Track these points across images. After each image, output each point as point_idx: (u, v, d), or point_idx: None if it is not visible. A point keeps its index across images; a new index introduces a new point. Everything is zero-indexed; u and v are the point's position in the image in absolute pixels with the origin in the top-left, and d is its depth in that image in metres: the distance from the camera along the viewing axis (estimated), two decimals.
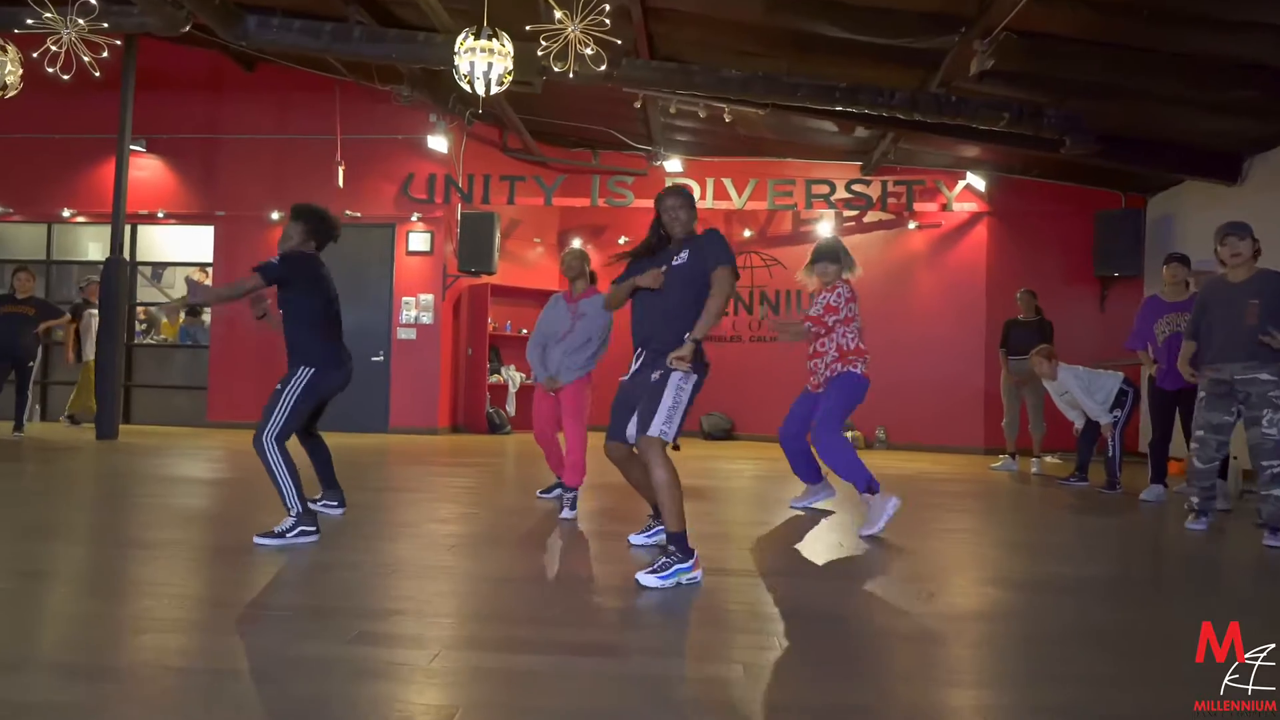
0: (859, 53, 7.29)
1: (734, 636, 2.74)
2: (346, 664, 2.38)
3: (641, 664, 2.45)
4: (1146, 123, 7.79)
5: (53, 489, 5.86)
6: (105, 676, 2.27)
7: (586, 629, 2.80)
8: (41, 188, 11.12)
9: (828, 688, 2.29)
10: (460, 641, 2.64)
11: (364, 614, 2.86)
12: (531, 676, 2.33)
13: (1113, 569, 4.20)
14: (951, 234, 10.17)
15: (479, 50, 6.57)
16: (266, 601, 3.07)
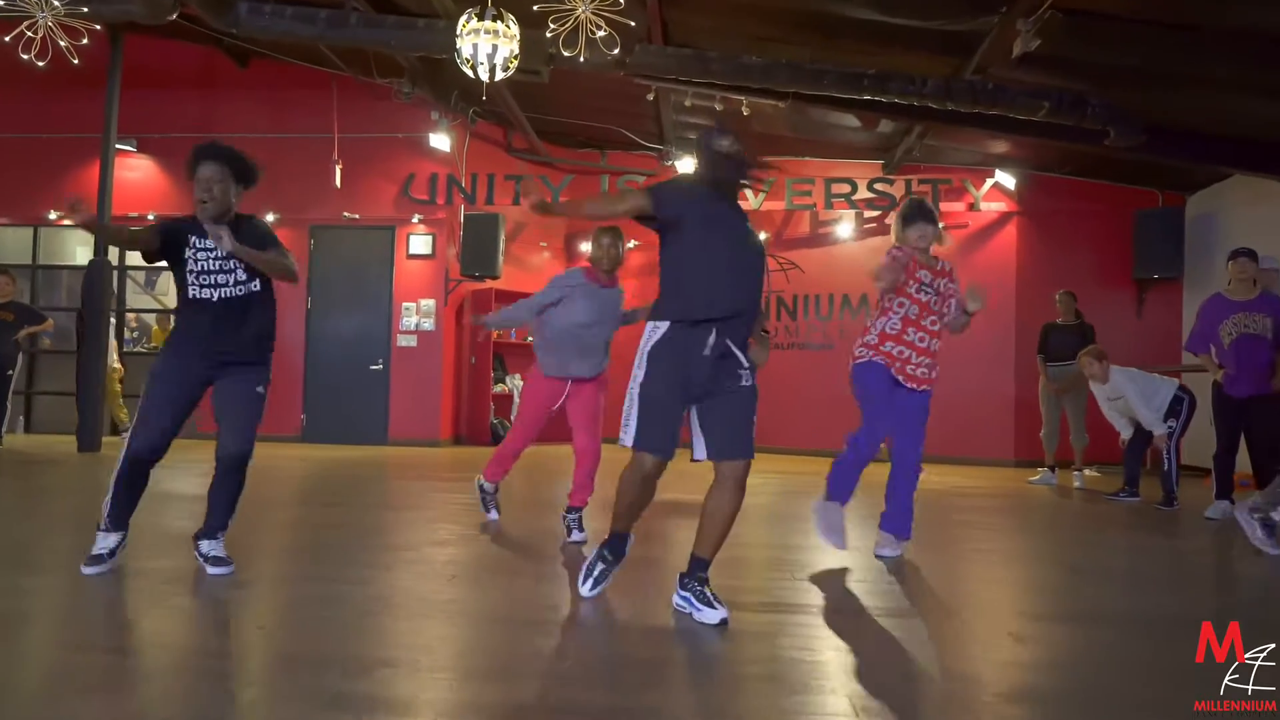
0: (889, 37, 6.81)
1: (788, 699, 2.23)
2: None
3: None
4: (1195, 112, 7.29)
5: (22, 507, 5.37)
6: None
7: (605, 689, 2.30)
8: (28, 189, 10.65)
9: None
10: (457, 709, 2.13)
11: (346, 666, 2.36)
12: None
13: (1185, 601, 3.69)
14: (979, 234, 9.66)
15: (483, 32, 6.13)
16: (226, 650, 2.57)
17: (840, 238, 10.29)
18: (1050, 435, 7.71)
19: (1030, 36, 5.84)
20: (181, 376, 3.36)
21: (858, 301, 10.14)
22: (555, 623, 2.96)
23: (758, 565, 3.95)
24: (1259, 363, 5.46)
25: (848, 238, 10.25)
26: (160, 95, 10.34)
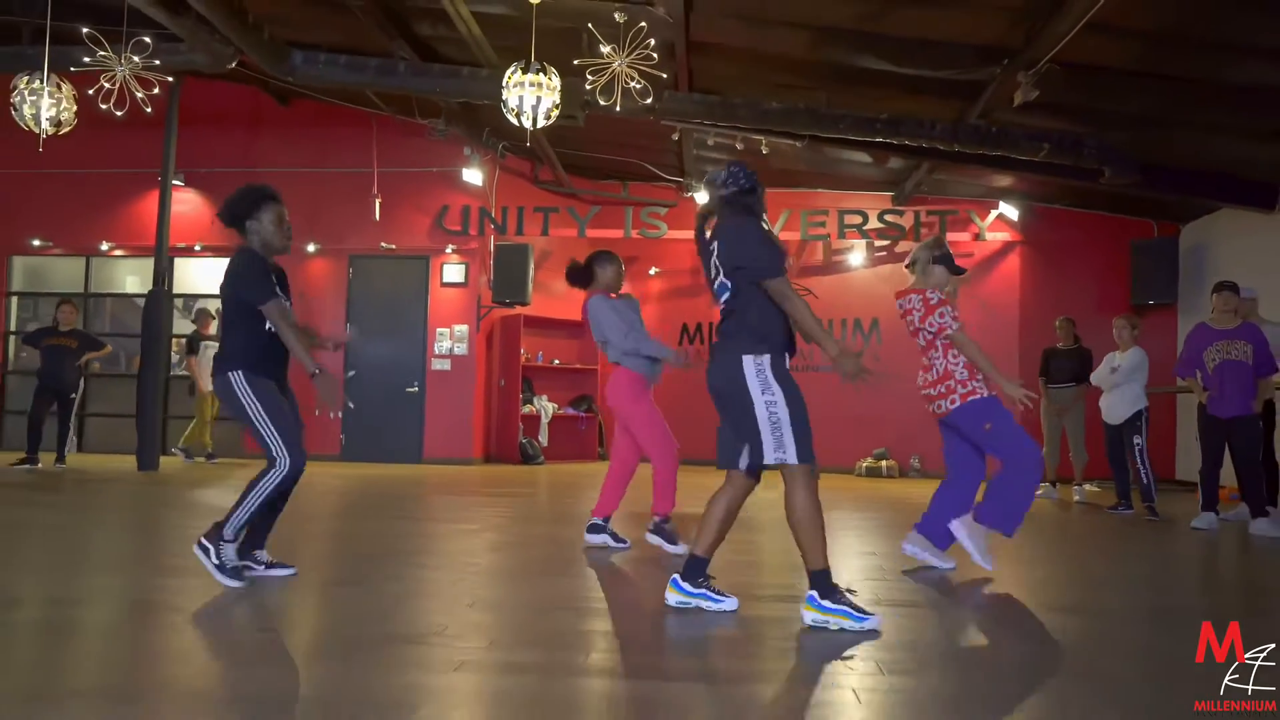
0: (898, 85, 7.38)
1: (815, 664, 2.73)
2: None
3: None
4: (1185, 151, 7.86)
5: (105, 519, 5.90)
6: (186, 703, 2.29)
7: (649, 656, 2.80)
8: (80, 221, 11.27)
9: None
10: (502, 667, 2.63)
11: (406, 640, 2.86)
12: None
13: (1177, 597, 4.18)
14: (984, 263, 10.21)
15: (528, 85, 6.68)
16: (324, 628, 3.07)
17: (852, 265, 10.84)
18: (1051, 453, 8.20)
19: (1030, 87, 6.40)
20: (281, 399, 3.74)
21: (869, 326, 10.67)
22: (599, 610, 3.46)
23: (777, 567, 4.40)
24: (1240, 386, 5.97)
25: (859, 265, 10.80)
26: (207, 132, 10.93)
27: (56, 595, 3.55)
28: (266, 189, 3.79)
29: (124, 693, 2.36)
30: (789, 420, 3.07)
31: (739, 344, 3.16)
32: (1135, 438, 6.91)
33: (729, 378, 3.16)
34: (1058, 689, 2.59)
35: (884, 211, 10.33)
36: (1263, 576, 4.80)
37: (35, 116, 7.14)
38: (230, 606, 3.36)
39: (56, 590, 3.65)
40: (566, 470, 10.60)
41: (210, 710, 2.26)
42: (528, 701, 2.31)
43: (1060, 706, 2.42)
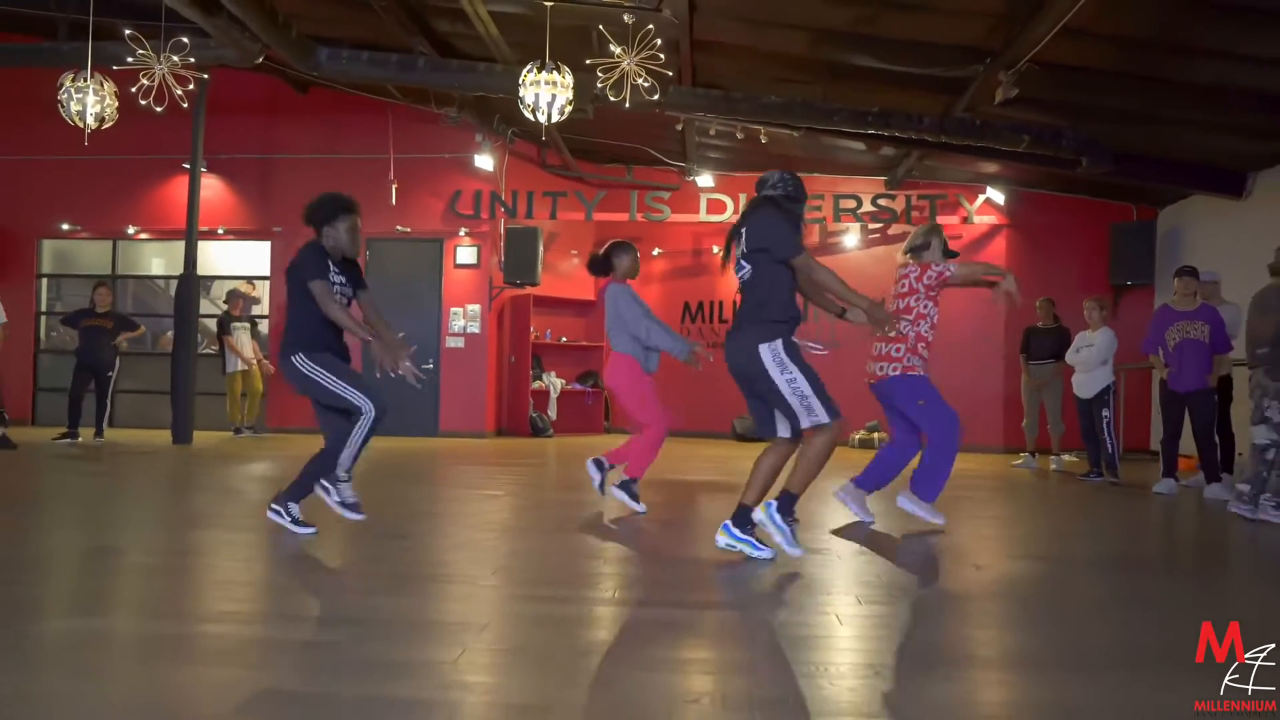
0: (889, 80, 7.86)
1: (807, 597, 3.31)
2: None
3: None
4: (1158, 142, 8.36)
5: (167, 486, 6.47)
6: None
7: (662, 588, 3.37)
8: (107, 206, 11.76)
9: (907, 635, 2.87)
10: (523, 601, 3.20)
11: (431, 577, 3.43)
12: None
13: (1139, 548, 4.76)
14: (972, 245, 10.72)
15: (543, 83, 7.18)
16: (369, 557, 3.64)
17: (847, 247, 11.36)
18: (1031, 425, 8.77)
19: (1009, 85, 6.90)
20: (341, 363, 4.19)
21: None
22: (608, 556, 4.04)
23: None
24: (1198, 363, 6.52)
25: (854, 247, 11.32)
26: (228, 120, 11.36)
27: (156, 547, 4.12)
28: (346, 200, 4.20)
29: (248, 616, 2.94)
30: (811, 390, 3.59)
31: (755, 333, 3.65)
32: (1104, 411, 7.49)
33: (750, 361, 3.66)
34: (1018, 612, 3.17)
35: (877, 195, 10.84)
36: (1209, 533, 5.39)
37: (81, 113, 7.63)
38: (301, 550, 3.93)
39: (152, 542, 4.23)
40: (574, 442, 11.18)
41: (310, 627, 2.83)
42: (563, 621, 2.88)
43: (1020, 623, 3.00)
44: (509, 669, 2.46)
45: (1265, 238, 6.66)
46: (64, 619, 2.88)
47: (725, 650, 2.69)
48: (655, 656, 2.54)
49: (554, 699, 2.19)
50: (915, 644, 2.77)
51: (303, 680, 2.28)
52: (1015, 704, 2.26)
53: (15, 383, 11.75)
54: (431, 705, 2.09)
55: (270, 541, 4.10)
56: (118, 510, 5.35)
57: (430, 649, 2.56)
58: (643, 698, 2.18)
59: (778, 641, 2.72)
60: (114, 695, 2.18)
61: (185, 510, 5.44)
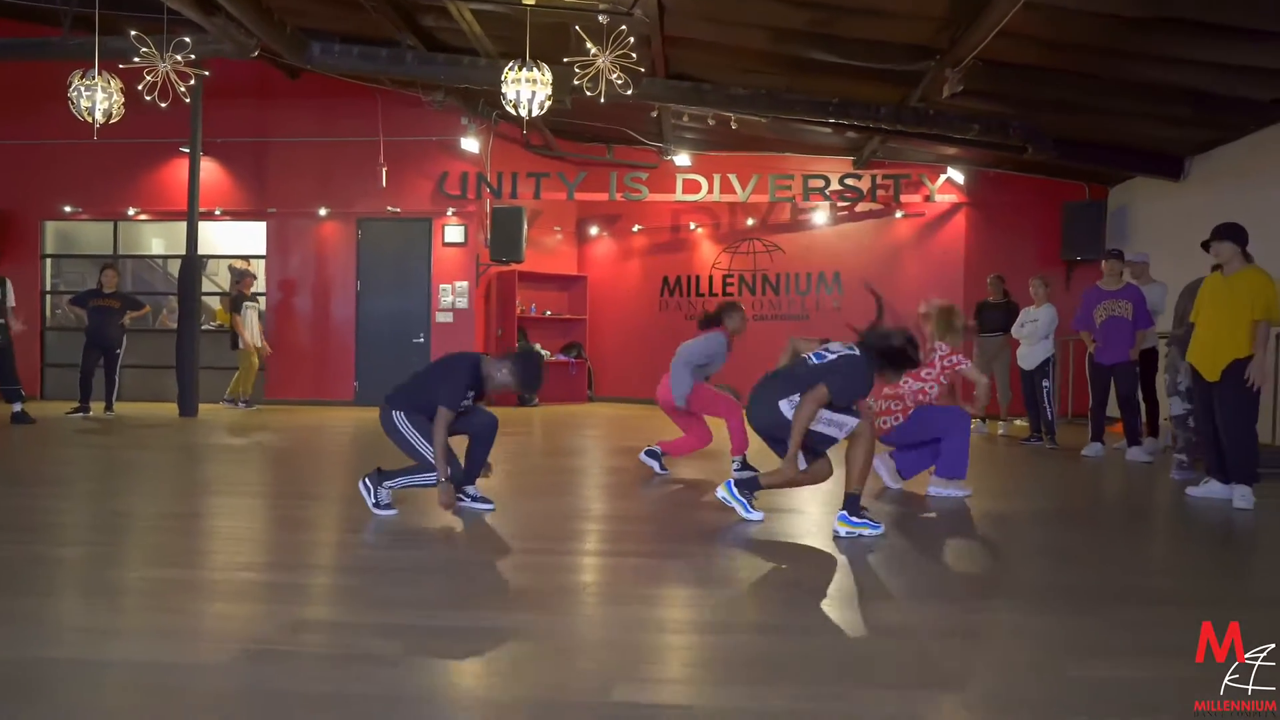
0: (848, 73, 8.40)
1: (785, 546, 3.97)
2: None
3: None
4: (1100, 130, 8.95)
5: (184, 455, 7.10)
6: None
7: (648, 542, 4.03)
8: (108, 188, 12.22)
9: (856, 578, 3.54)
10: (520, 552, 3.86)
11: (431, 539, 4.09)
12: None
13: (1067, 502, 5.46)
14: (934, 222, 11.33)
15: (524, 80, 7.69)
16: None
17: (816, 224, 11.95)
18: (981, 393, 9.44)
19: (955, 81, 7.46)
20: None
21: (831, 278, 11.83)
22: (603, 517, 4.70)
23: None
24: (1121, 338, 7.18)
25: (823, 224, 11.91)
26: (223, 104, 11.78)
27: (179, 511, 4.76)
28: (537, 373, 4.59)
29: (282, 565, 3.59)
30: (827, 415, 4.13)
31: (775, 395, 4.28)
32: (1044, 381, 8.17)
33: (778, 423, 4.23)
34: (962, 543, 3.85)
35: (845, 175, 11.40)
36: (1125, 488, 6.11)
37: (90, 109, 8.12)
38: (319, 515, 4.57)
39: (179, 507, 4.87)
40: (558, 411, 11.84)
41: (340, 572, 3.49)
42: (562, 569, 3.54)
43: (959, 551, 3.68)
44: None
45: (1201, 217, 7.22)
46: (140, 569, 3.53)
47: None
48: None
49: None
50: (851, 578, 3.44)
51: (330, 612, 2.94)
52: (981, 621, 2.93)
53: (22, 359, 12.28)
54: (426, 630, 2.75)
55: (252, 507, 4.74)
56: (149, 479, 5.97)
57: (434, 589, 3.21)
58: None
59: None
60: (186, 624, 2.83)
61: (211, 477, 6.06)
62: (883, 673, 2.44)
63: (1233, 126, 8.14)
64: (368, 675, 2.32)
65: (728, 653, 2.61)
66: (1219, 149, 8.67)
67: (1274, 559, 4.21)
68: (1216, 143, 8.63)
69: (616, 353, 13.25)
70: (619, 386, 13.16)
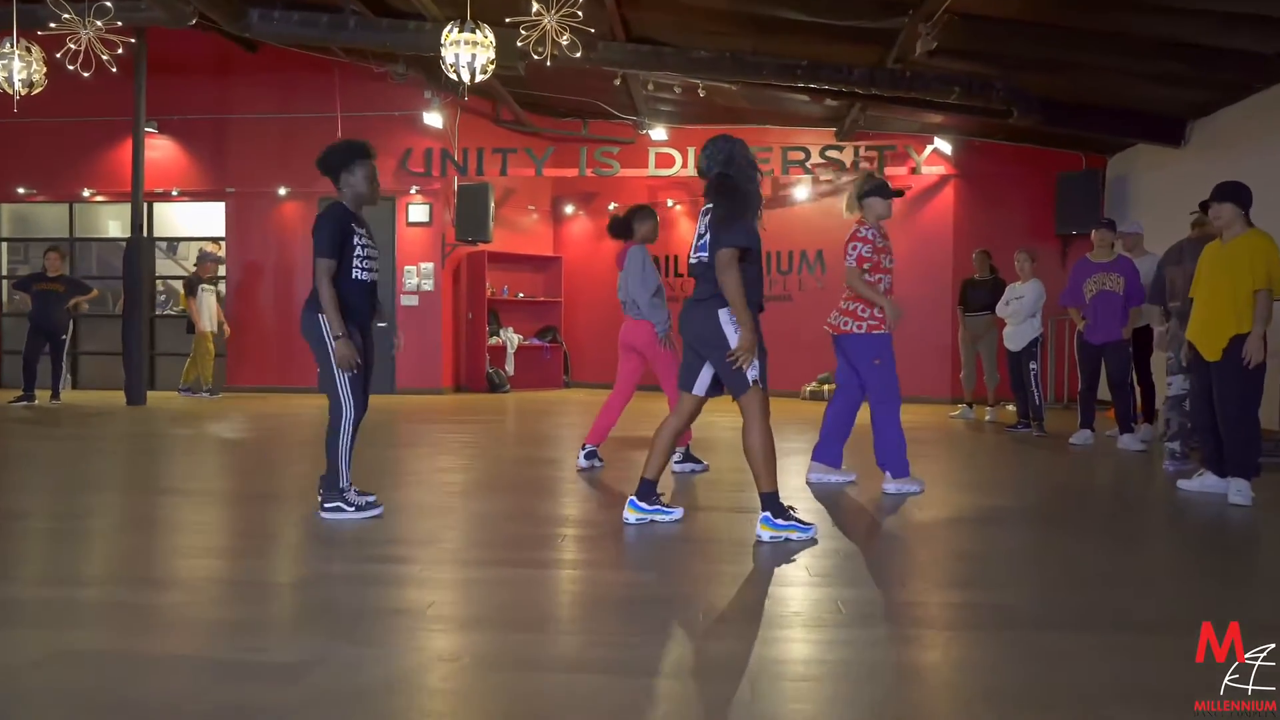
0: (818, 32, 7.78)
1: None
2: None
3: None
4: (1091, 91, 8.29)
5: (112, 449, 6.63)
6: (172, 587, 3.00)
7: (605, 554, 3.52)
8: (62, 169, 11.77)
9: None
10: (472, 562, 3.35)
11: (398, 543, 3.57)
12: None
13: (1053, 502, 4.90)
14: (921, 196, 10.70)
15: (463, 43, 7.14)
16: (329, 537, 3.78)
17: (797, 200, 11.35)
18: (968, 376, 8.87)
19: (929, 39, 6.85)
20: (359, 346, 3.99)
21: (814, 257, 11.23)
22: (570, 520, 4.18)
23: (728, 485, 5.10)
24: (1112, 314, 6.58)
25: (804, 200, 11.31)
26: (179, 80, 11.34)
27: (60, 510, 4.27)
28: (362, 145, 4.04)
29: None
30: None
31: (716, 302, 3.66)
32: (1031, 363, 7.57)
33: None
34: (941, 549, 3.31)
35: (826, 147, 10.78)
36: (1112, 482, 5.54)
37: (8, 79, 7.63)
38: (181, 516, 4.07)
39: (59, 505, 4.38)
40: (531, 397, 11.34)
41: (240, 594, 2.98)
42: (414, 584, 3.02)
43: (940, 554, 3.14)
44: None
45: (1205, 186, 6.58)
46: None
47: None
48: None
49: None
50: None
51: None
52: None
53: None
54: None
55: (181, 504, 4.24)
56: (32, 474, 5.50)
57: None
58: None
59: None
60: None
61: (99, 473, 5.59)
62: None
63: (1235, 86, 7.47)
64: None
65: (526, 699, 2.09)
66: (1222, 111, 8.00)
67: (1271, 571, 3.61)
68: (1218, 104, 7.96)
69: (593, 337, 12.69)
70: (596, 372, 12.61)
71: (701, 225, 3.78)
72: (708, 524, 4.00)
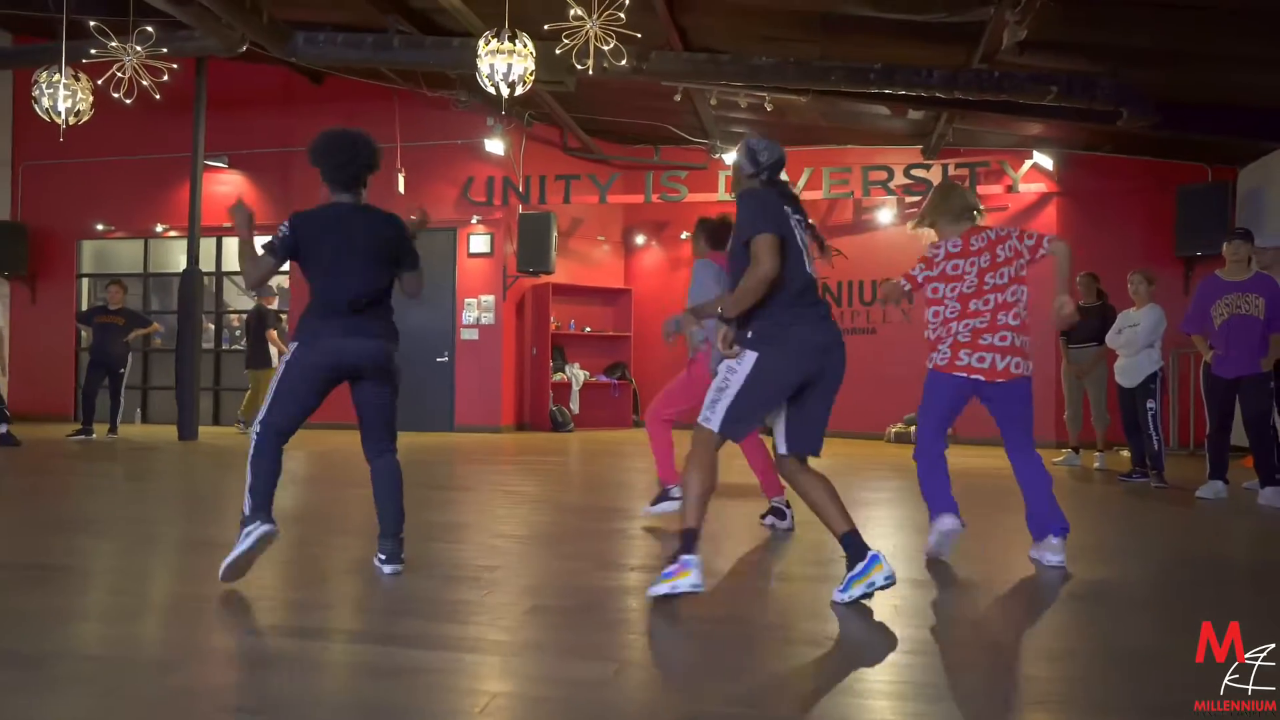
0: (893, 31, 7.01)
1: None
2: None
3: None
4: (1217, 87, 7.21)
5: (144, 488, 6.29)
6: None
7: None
8: (138, 206, 11.92)
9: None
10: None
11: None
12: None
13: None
14: (1019, 216, 9.63)
15: (499, 53, 6.67)
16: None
17: (882, 224, 10.44)
18: (1074, 417, 7.76)
19: (1017, 28, 5.99)
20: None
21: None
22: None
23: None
24: (1248, 343, 5.48)
25: (889, 223, 10.39)
26: (246, 114, 11.36)
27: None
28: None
29: None
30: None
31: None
32: (1149, 401, 6.43)
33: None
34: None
35: (911, 166, 9.87)
36: (1249, 547, 4.46)
37: (53, 108, 7.57)
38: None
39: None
40: (597, 437, 10.68)
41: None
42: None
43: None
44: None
45: None
46: None
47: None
48: None
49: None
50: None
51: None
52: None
53: (57, 381, 12.09)
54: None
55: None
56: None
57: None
58: None
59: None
60: None
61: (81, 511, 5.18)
62: None
63: None
64: None
65: None
66: None
67: None
68: None
69: (666, 374, 11.85)
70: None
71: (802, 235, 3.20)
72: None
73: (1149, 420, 6.45)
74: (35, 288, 12.31)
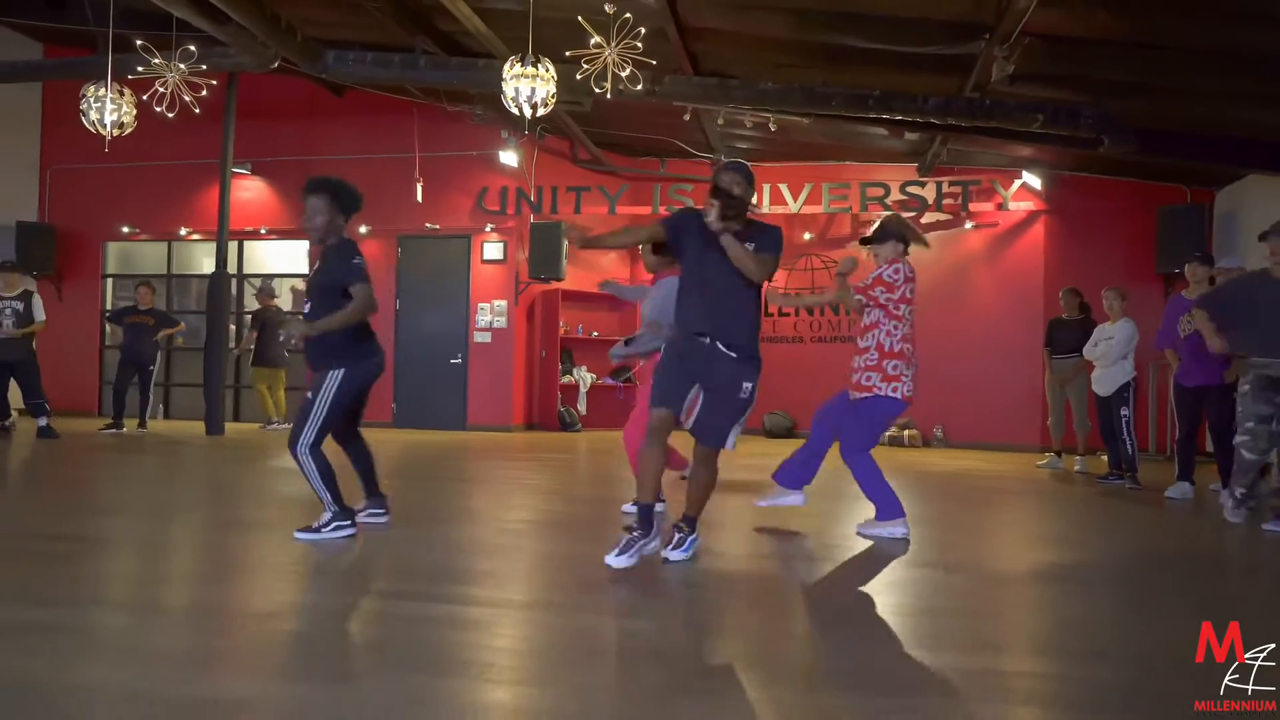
0: (891, 61, 7.49)
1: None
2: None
3: None
4: (1194, 117, 7.70)
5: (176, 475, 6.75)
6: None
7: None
8: (162, 210, 12.37)
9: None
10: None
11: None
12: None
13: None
14: (1009, 233, 10.17)
15: (523, 77, 7.14)
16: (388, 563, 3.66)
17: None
18: (1056, 423, 8.25)
19: (1006, 63, 6.47)
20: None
21: None
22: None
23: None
24: (1209, 354, 5.95)
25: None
26: (270, 123, 11.80)
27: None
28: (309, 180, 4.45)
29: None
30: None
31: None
32: (1122, 409, 6.96)
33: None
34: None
35: (907, 183, 10.38)
36: (1210, 542, 4.95)
37: (100, 121, 8.03)
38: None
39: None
40: (602, 437, 11.15)
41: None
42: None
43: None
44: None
45: None
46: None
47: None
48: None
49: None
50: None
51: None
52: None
53: (81, 377, 12.53)
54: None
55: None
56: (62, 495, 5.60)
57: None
58: None
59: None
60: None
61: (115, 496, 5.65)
62: None
63: None
64: None
65: None
66: None
67: None
68: None
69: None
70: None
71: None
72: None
73: (1123, 426, 6.97)
74: (61, 287, 12.73)
